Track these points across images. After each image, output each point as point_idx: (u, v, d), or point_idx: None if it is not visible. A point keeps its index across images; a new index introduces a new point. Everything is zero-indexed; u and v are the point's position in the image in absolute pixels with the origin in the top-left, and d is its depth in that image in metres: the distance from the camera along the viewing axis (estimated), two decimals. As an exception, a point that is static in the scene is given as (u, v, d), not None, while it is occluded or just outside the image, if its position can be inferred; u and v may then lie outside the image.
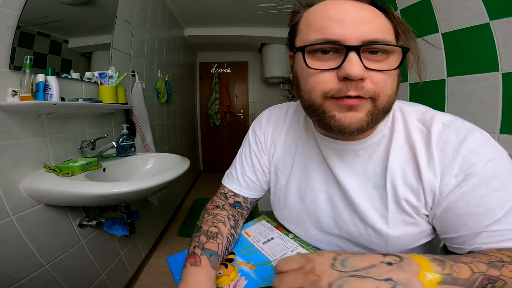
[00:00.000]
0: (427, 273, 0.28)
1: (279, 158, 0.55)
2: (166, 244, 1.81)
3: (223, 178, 0.63)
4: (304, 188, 0.51)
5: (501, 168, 0.36)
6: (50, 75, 0.80)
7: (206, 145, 3.82)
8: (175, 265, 0.49)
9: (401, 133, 0.42)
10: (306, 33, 0.38)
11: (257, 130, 0.60)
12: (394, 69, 0.36)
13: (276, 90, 3.69)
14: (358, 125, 0.36)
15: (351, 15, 0.35)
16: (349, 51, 0.33)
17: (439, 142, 0.39)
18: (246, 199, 0.60)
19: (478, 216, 0.36)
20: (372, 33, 0.34)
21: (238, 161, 0.61)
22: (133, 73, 1.51)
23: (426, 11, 1.11)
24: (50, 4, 0.92)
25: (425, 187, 0.39)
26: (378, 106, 0.36)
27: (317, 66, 0.36)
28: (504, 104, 0.87)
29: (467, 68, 0.98)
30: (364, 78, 0.34)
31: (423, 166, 0.39)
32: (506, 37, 0.85)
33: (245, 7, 2.37)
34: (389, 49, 0.35)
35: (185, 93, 2.99)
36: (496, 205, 0.35)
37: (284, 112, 0.58)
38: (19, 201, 0.77)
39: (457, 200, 0.37)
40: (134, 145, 1.26)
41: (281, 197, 0.55)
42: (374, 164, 0.44)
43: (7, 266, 0.73)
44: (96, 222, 1.00)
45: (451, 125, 0.39)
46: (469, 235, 0.37)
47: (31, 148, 0.82)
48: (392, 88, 0.37)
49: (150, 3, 1.81)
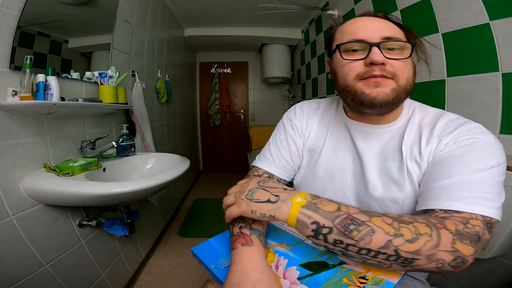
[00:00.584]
0: (298, 198, 0.40)
1: (312, 140, 0.63)
2: (166, 244, 1.81)
3: (255, 161, 0.67)
4: (333, 166, 0.58)
5: (482, 148, 0.42)
6: (50, 75, 0.80)
7: (206, 145, 3.82)
8: (203, 255, 0.48)
9: (416, 123, 0.52)
10: (340, 38, 0.51)
11: (292, 118, 0.66)
12: (407, 58, 0.47)
13: (276, 90, 3.69)
14: (384, 98, 0.45)
15: (373, 24, 0.48)
16: (372, 46, 0.45)
17: (440, 128, 0.48)
18: (279, 180, 0.63)
19: (439, 173, 0.43)
20: (388, 32, 0.47)
21: (272, 145, 0.66)
22: (133, 73, 1.51)
23: (426, 11, 1.11)
24: (50, 4, 0.92)
25: (423, 159, 0.47)
26: (400, 85, 0.46)
27: (350, 57, 0.48)
28: (504, 104, 0.87)
29: (467, 68, 0.98)
30: (385, 63, 0.45)
31: (423, 145, 0.48)
32: (506, 37, 0.85)
33: (245, 7, 2.37)
34: (402, 45, 0.47)
35: (185, 93, 2.99)
36: (457, 169, 0.41)
37: (316, 105, 0.67)
38: (19, 201, 0.77)
39: (434, 160, 0.46)
40: (134, 145, 1.26)
41: (310, 174, 0.62)
42: (393, 144, 0.53)
43: (7, 266, 0.73)
44: (96, 222, 1.00)
45: (454, 120, 0.48)
46: (424, 192, 0.44)
47: (31, 148, 0.82)
48: (409, 72, 0.47)
49: (150, 3, 1.81)
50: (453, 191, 0.40)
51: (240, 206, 0.43)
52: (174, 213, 2.27)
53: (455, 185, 0.40)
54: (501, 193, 0.40)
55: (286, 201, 0.40)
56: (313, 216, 0.37)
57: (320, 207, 0.37)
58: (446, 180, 0.41)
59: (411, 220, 0.36)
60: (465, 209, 0.38)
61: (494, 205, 0.38)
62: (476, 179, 0.39)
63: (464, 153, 0.42)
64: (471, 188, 0.39)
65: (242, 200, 0.43)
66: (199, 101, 3.71)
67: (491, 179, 0.40)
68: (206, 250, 0.49)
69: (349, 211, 0.36)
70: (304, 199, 0.39)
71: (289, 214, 0.38)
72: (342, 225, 0.35)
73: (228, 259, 0.46)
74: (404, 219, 0.36)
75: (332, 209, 0.37)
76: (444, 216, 0.38)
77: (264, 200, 0.41)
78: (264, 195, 0.42)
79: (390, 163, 0.51)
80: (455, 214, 0.38)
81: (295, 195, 0.40)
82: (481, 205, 0.38)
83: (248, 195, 0.43)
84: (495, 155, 0.41)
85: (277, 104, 3.70)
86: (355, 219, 0.35)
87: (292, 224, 0.38)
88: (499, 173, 0.40)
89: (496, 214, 0.38)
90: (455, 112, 0.51)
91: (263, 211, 0.40)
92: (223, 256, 0.47)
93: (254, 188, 0.44)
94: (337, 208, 0.37)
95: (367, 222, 0.35)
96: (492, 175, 0.40)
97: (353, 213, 0.36)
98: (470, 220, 0.36)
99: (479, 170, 0.40)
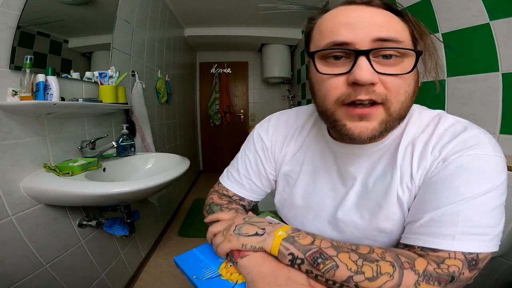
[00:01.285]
0: (280, 231, 0.41)
1: (288, 165, 0.55)
2: (166, 244, 1.81)
3: (223, 178, 0.62)
4: (311, 193, 0.52)
5: (476, 169, 0.35)
6: (50, 75, 0.80)
7: (206, 145, 3.82)
8: (186, 265, 0.47)
9: (410, 134, 0.43)
10: (318, 39, 0.39)
11: (263, 136, 0.58)
12: (407, 73, 0.35)
13: (276, 90, 3.69)
14: (369, 135, 0.36)
15: (363, 19, 0.35)
16: (358, 56, 0.33)
17: (434, 141, 0.40)
18: (250, 202, 0.61)
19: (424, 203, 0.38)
20: (384, 31, 0.34)
21: (241, 164, 0.59)
22: (133, 73, 1.51)
23: (426, 11, 1.11)
24: (50, 4, 0.92)
25: (414, 184, 0.41)
26: (391, 114, 0.36)
27: (328, 71, 0.36)
28: (504, 104, 0.87)
29: (467, 68, 0.98)
30: (374, 82, 0.34)
31: (414, 166, 0.40)
32: (506, 37, 0.85)
33: (245, 7, 2.37)
34: (403, 52, 0.35)
35: (185, 93, 2.98)
36: (442, 200, 0.36)
37: (293, 121, 0.57)
38: (19, 201, 0.77)
39: (423, 183, 0.40)
40: (134, 145, 1.26)
41: (288, 199, 0.56)
42: (382, 165, 0.44)
43: (7, 266, 0.73)
44: (96, 222, 1.00)
45: (450, 128, 0.40)
46: (409, 224, 0.40)
47: (31, 148, 0.82)
48: (406, 94, 0.36)
49: (150, 3, 1.81)
50: (435, 226, 0.35)
51: (231, 242, 0.43)
52: (174, 213, 2.27)
53: (439, 218, 0.35)
54: (499, 220, 0.35)
55: (270, 234, 0.42)
56: (290, 248, 0.39)
57: (297, 240, 0.39)
58: (430, 213, 0.36)
59: (378, 258, 0.35)
60: (443, 247, 0.34)
61: (484, 238, 0.34)
62: (465, 210, 0.34)
63: (453, 176, 0.36)
64: (456, 222, 0.34)
65: (231, 236, 0.44)
66: (199, 101, 3.71)
67: (484, 207, 0.34)
68: (189, 260, 0.49)
69: (321, 245, 0.38)
70: (285, 233, 0.41)
71: (272, 246, 0.40)
72: (311, 258, 0.37)
73: (211, 270, 0.45)
74: (371, 257, 0.36)
75: (307, 242, 0.39)
76: (421, 253, 0.36)
77: (253, 234, 0.43)
78: (251, 229, 0.44)
79: (378, 188, 0.43)
80: (431, 253, 0.35)
81: (278, 228, 0.42)
82: (465, 240, 0.34)
83: (236, 230, 0.44)
84: (491, 176, 0.35)
85: (277, 104, 3.70)
86: (323, 253, 0.37)
87: (275, 254, 0.40)
88: (496, 196, 0.35)
89: (486, 247, 0.34)
90: (455, 113, 0.45)
91: (253, 243, 0.42)
92: (206, 267, 0.46)
93: (241, 224, 0.45)
94: (311, 242, 0.39)
95: (333, 257, 0.36)
96: (485, 202, 0.34)
97: (323, 247, 0.38)
98: (445, 260, 0.34)
99: (469, 198, 0.34)
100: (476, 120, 0.94)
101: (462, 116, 0.42)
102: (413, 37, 0.38)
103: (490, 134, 0.39)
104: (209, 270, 0.45)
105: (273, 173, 0.58)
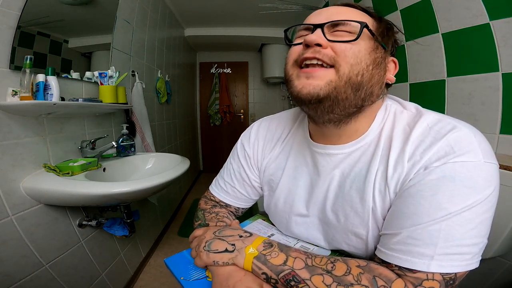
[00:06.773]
0: (251, 248, 0.41)
1: (271, 170, 0.55)
2: (165, 244, 1.81)
3: (211, 186, 0.64)
4: (293, 196, 0.51)
5: (460, 180, 0.32)
6: (50, 75, 0.80)
7: (206, 145, 3.82)
8: (175, 266, 0.49)
9: (386, 135, 0.41)
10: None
11: (245, 145, 0.59)
12: (353, 40, 0.37)
13: (276, 90, 3.69)
14: (312, 92, 0.37)
15: (329, 10, 0.41)
16: (315, 29, 0.39)
17: (414, 143, 0.37)
18: (237, 209, 0.62)
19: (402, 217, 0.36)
20: (342, 16, 0.39)
21: (226, 173, 0.61)
22: (133, 73, 1.51)
23: (426, 11, 1.11)
24: (50, 4, 0.92)
25: (389, 190, 0.38)
26: (341, 76, 0.36)
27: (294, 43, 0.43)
28: (504, 104, 0.87)
29: (467, 68, 0.98)
30: (320, 43, 0.37)
31: (390, 171, 0.38)
32: (506, 37, 0.85)
33: (245, 7, 2.37)
34: (354, 31, 0.38)
35: (185, 93, 2.98)
36: (422, 216, 0.33)
37: (276, 124, 0.58)
38: (19, 201, 0.77)
39: (401, 191, 0.37)
40: (134, 145, 1.26)
41: (272, 203, 0.56)
42: (359, 168, 0.43)
43: (7, 266, 0.73)
44: (96, 222, 1.00)
45: (434, 126, 0.37)
46: (385, 236, 0.38)
47: (31, 148, 0.82)
48: (356, 58, 0.37)
49: (150, 3, 1.81)
50: (413, 244, 0.33)
51: (202, 259, 0.43)
52: (174, 213, 2.27)
53: (417, 235, 0.33)
54: (483, 236, 0.33)
55: (241, 251, 0.42)
56: (263, 268, 0.39)
57: (268, 259, 0.39)
58: (408, 230, 0.34)
59: (353, 282, 0.34)
60: (421, 268, 0.32)
61: (465, 257, 0.32)
62: (446, 228, 0.32)
63: (435, 188, 0.33)
64: (436, 241, 0.32)
65: (201, 253, 0.44)
66: (199, 101, 3.71)
67: (468, 224, 0.32)
68: (178, 261, 0.50)
69: (294, 266, 0.38)
70: (256, 250, 0.41)
71: (244, 264, 0.41)
72: (284, 279, 0.37)
73: (198, 272, 0.46)
74: (346, 280, 0.35)
75: (279, 262, 0.39)
76: (399, 273, 0.35)
77: (222, 250, 0.43)
78: (221, 245, 0.43)
79: (354, 191, 0.42)
80: (409, 274, 0.34)
81: (249, 244, 0.42)
82: (445, 260, 0.32)
83: (206, 246, 0.44)
84: (479, 188, 0.32)
85: (277, 104, 3.70)
86: (296, 276, 0.37)
87: (249, 270, 0.41)
88: (482, 211, 0.32)
89: (467, 265, 0.32)
90: (455, 113, 0.44)
91: (224, 260, 0.42)
92: (194, 268, 0.47)
93: (211, 240, 0.45)
94: (283, 261, 0.39)
95: (306, 280, 0.36)
96: (469, 218, 0.32)
97: (296, 269, 0.37)
98: (423, 282, 0.32)
99: (452, 214, 0.32)
100: (476, 120, 0.94)
101: (462, 116, 0.43)
102: (379, 33, 0.41)
103: (481, 134, 0.36)
104: (197, 272, 0.46)
105: (257, 180, 0.59)
